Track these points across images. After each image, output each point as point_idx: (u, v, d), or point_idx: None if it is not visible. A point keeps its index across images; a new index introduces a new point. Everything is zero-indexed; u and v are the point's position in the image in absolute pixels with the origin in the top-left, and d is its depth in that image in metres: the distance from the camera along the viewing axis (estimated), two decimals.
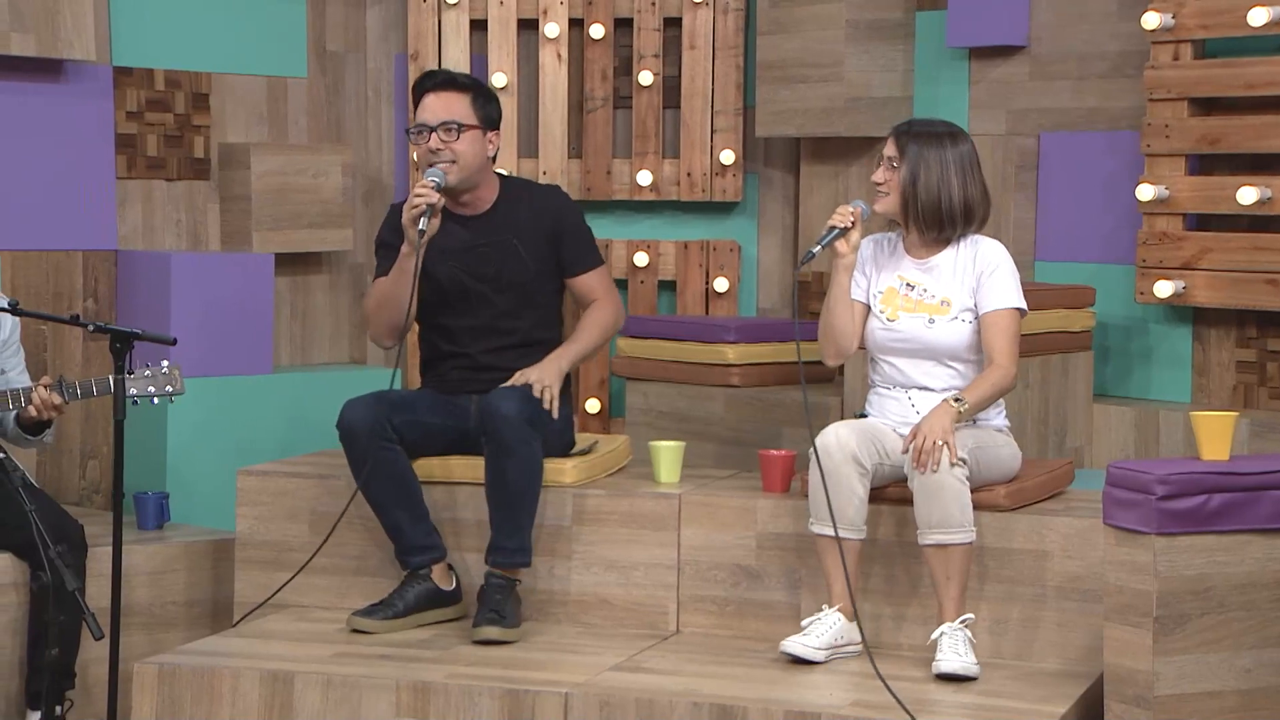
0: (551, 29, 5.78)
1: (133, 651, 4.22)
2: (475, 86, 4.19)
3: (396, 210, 4.22)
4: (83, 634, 4.11)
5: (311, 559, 4.16)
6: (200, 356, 5.04)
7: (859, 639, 3.75)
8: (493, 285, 4.16)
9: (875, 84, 5.50)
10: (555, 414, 4.02)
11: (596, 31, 5.77)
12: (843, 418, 5.04)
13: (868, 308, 3.97)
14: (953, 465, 3.60)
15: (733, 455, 5.01)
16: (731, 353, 5.24)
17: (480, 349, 4.16)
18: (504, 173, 4.48)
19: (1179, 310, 4.90)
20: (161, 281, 5.21)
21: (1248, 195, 4.60)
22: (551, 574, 4.07)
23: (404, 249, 4.03)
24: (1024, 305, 3.90)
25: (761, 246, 5.88)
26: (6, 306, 4.27)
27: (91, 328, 4.15)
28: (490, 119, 4.19)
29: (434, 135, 4.10)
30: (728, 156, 5.73)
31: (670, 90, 5.78)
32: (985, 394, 3.76)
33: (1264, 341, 4.76)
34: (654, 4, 5.77)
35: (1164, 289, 4.76)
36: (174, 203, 5.47)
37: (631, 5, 5.78)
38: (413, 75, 5.77)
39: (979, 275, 3.88)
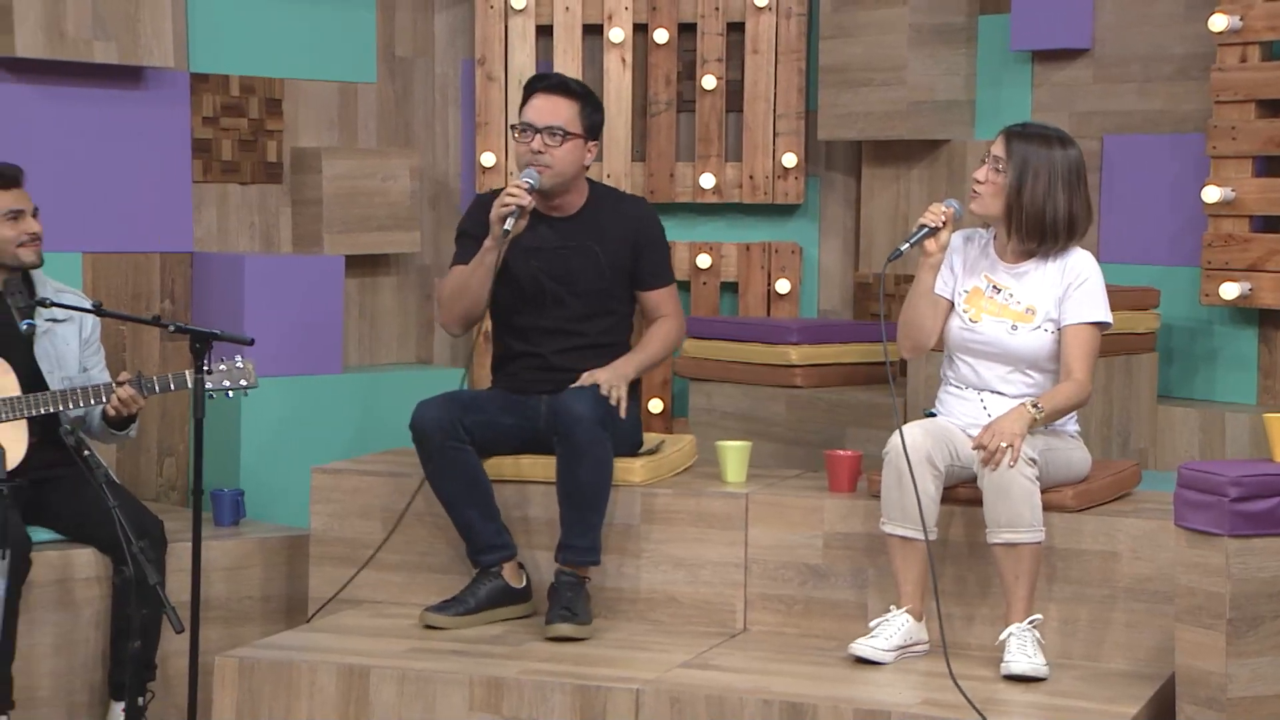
0: (616, 34, 5.76)
1: (210, 644, 4.23)
2: (586, 95, 4.17)
3: (481, 201, 4.22)
4: (163, 627, 4.14)
5: (376, 554, 4.16)
6: (272, 356, 5.04)
7: (926, 639, 3.71)
8: (569, 288, 4.14)
9: (938, 87, 5.45)
10: (624, 414, 4.00)
11: (660, 36, 5.75)
12: (906, 418, 5.01)
13: (951, 304, 3.89)
14: (1011, 465, 3.56)
15: (795, 455, 4.98)
16: (794, 354, 5.22)
17: (552, 349, 4.14)
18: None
19: (1244, 312, 4.83)
20: (235, 283, 5.22)
21: None
22: (620, 572, 4.05)
23: (487, 243, 4.03)
24: (1109, 319, 3.82)
25: (823, 249, 5.85)
26: (90, 308, 4.31)
27: (172, 328, 4.17)
28: (594, 128, 4.18)
29: (538, 137, 4.08)
30: (790, 159, 5.70)
31: (733, 94, 5.75)
32: (1061, 406, 3.70)
33: None
34: (717, 9, 5.75)
35: (1230, 291, 4.69)
36: (247, 206, 5.49)
37: (695, 10, 5.76)
38: (479, 80, 5.79)
39: (1067, 286, 3.79)
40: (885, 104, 5.44)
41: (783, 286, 5.75)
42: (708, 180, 5.72)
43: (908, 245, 3.79)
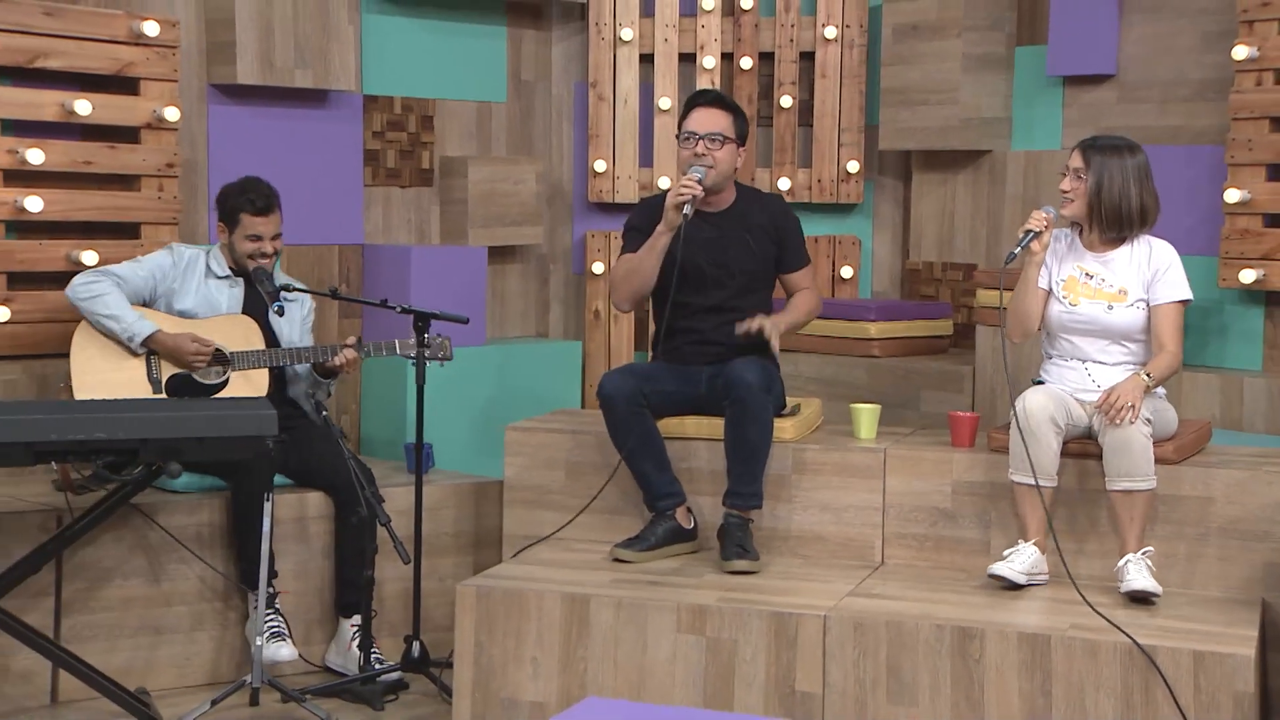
0: (708, 61, 5.67)
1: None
2: (736, 109, 4.06)
3: (645, 203, 4.11)
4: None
5: (590, 503, 4.02)
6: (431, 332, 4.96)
7: (1047, 570, 3.62)
8: (725, 271, 4.01)
9: (983, 106, 5.36)
10: (776, 349, 3.87)
11: (745, 63, 5.67)
12: (975, 388, 4.93)
13: (1048, 293, 3.79)
14: (1132, 423, 3.47)
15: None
16: (873, 329, 5.13)
17: (710, 325, 4.02)
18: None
19: (1252, 294, 4.74)
20: (402, 269, 5.13)
21: None
22: (774, 515, 3.93)
23: (660, 228, 3.89)
24: (1191, 296, 3.73)
25: (875, 241, 5.77)
26: (328, 293, 4.20)
27: (399, 309, 4.08)
28: (743, 136, 4.06)
29: (701, 142, 3.97)
30: (853, 166, 5.61)
31: (804, 111, 5.68)
32: (1165, 374, 3.62)
33: None
34: (792, 41, 5.65)
35: (1247, 276, 4.60)
36: (406, 206, 5.39)
37: (773, 41, 5.67)
38: (592, 100, 5.67)
39: (1154, 271, 3.70)
40: (939, 120, 5.35)
41: (846, 272, 5.67)
42: (783, 183, 5.63)
43: (1020, 248, 3.67)
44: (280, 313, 4.09)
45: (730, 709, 3.35)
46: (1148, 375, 3.55)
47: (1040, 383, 3.77)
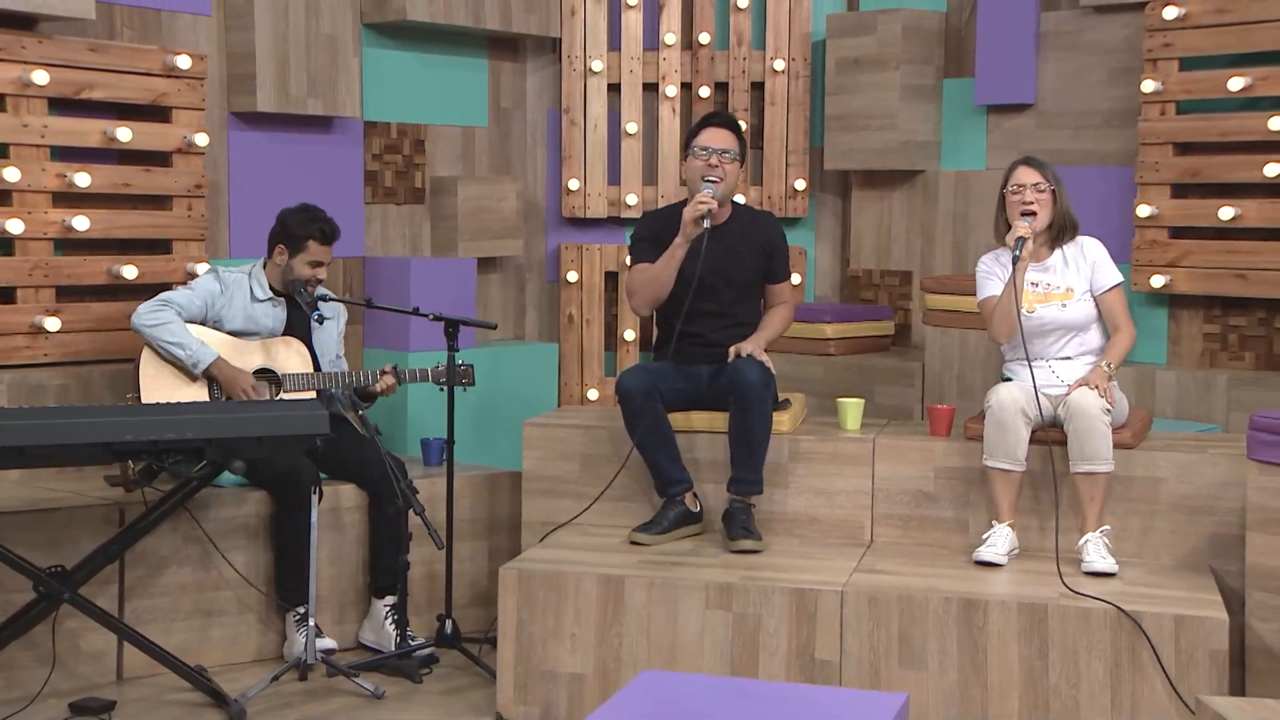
0: (670, 90, 5.65)
1: (436, 556, 4.05)
2: (740, 132, 4.02)
3: (651, 215, 4.05)
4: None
5: (606, 490, 3.95)
6: (430, 337, 4.87)
7: (1018, 545, 3.66)
8: (724, 280, 3.98)
9: (918, 131, 5.42)
10: (774, 370, 3.87)
11: (703, 92, 5.66)
12: (924, 382, 4.98)
13: None
14: (1109, 408, 3.53)
15: (831, 408, 4.90)
16: (829, 330, 5.15)
17: (710, 328, 3.98)
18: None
19: (1158, 296, 4.87)
20: (402, 280, 5.03)
21: (1227, 213, 4.58)
22: (772, 499, 3.91)
23: (678, 240, 3.83)
24: (1122, 277, 3.79)
25: (817, 251, 5.79)
26: (362, 302, 4.10)
27: (431, 317, 3.98)
28: (744, 156, 4.03)
29: (714, 156, 3.92)
30: (800, 184, 5.62)
31: (755, 135, 5.68)
32: (1122, 355, 3.66)
33: (1226, 319, 4.75)
34: (744, 72, 5.65)
35: (1157, 281, 4.73)
36: (401, 221, 5.29)
37: (728, 72, 5.66)
38: (565, 125, 5.61)
39: (1092, 264, 3.74)
40: (880, 143, 5.39)
41: (795, 279, 5.67)
42: (738, 199, 5.59)
43: (1019, 253, 3.66)
44: (320, 321, 4.00)
45: (755, 677, 3.33)
46: (1108, 365, 3.61)
47: (1008, 379, 3.81)
